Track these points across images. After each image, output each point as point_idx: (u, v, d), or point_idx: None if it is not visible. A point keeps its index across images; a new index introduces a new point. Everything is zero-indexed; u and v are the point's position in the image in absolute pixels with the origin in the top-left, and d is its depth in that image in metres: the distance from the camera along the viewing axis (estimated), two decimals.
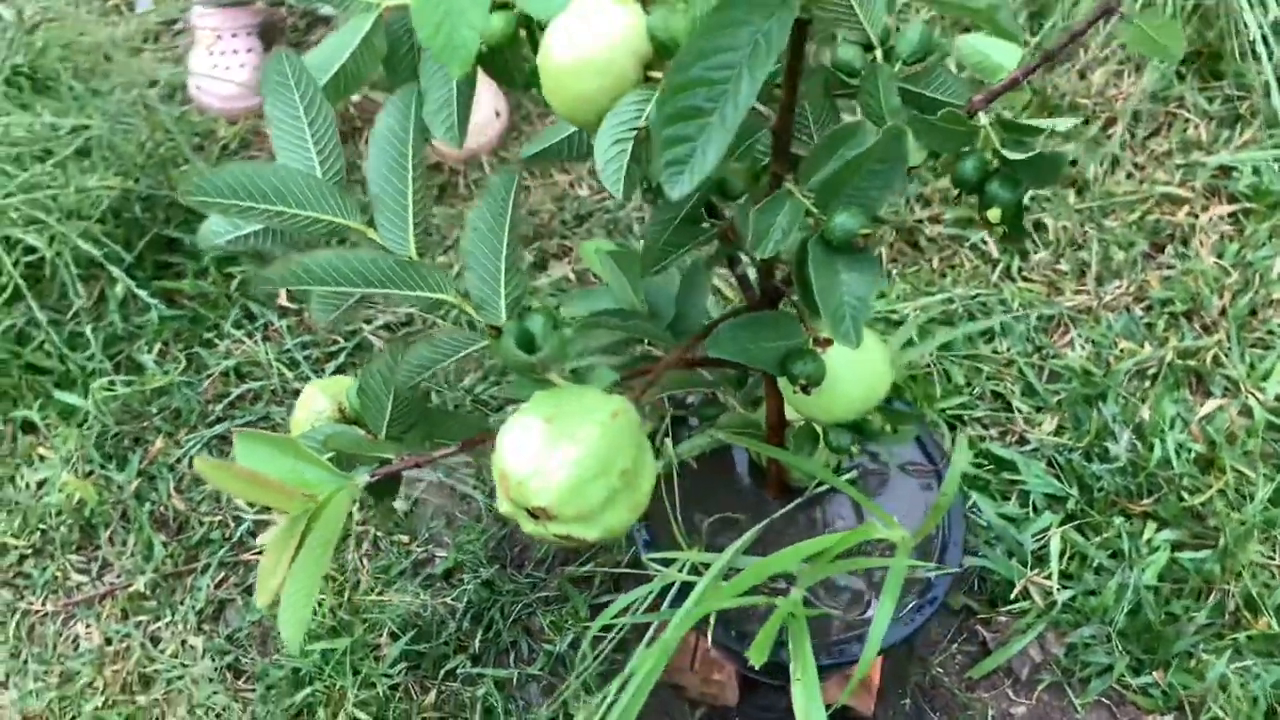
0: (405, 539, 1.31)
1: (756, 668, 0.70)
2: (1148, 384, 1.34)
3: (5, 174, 1.42)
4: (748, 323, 0.73)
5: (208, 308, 1.52)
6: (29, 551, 1.34)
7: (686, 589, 0.93)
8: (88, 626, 1.28)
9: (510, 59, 0.71)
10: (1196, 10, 1.70)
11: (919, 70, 0.73)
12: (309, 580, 0.68)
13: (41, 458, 1.41)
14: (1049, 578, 1.16)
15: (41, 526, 1.35)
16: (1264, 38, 1.55)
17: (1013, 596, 1.17)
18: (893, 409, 0.85)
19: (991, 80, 0.75)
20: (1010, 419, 1.32)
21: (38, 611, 1.30)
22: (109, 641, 1.26)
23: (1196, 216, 1.51)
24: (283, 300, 1.54)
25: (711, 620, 0.93)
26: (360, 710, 1.16)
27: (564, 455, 0.56)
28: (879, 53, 0.72)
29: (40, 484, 1.39)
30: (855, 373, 0.73)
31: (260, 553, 1.31)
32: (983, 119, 0.69)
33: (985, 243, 1.51)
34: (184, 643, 1.26)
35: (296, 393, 1.31)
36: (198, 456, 0.66)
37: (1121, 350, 1.37)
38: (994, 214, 0.67)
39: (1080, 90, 1.67)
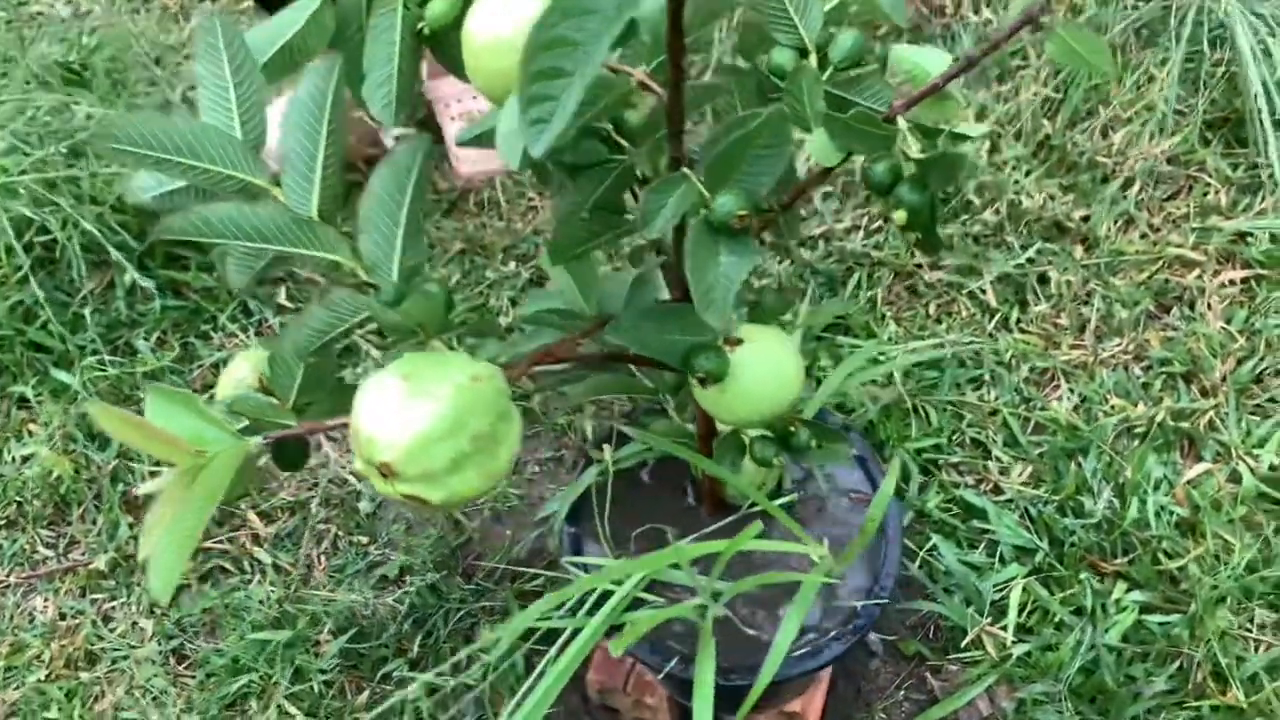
0: (364, 540, 1.31)
1: (615, 656, 0.68)
2: (1135, 443, 1.29)
3: (22, 152, 1.47)
4: (655, 313, 0.72)
5: (209, 301, 1.55)
6: (2, 523, 1.36)
7: (607, 597, 0.91)
8: (45, 600, 1.29)
9: (456, 43, 0.72)
10: (1226, 77, 1.67)
11: (851, 77, 0.72)
12: (184, 533, 0.67)
13: (30, 433, 1.44)
14: (1005, 629, 1.12)
15: (18, 499, 1.38)
16: (1266, 91, 1.52)
17: (964, 645, 1.12)
18: (818, 424, 0.83)
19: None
20: (987, 467, 1.28)
21: (1, 582, 1.31)
22: (63, 616, 1.27)
23: (1207, 280, 1.47)
24: (281, 299, 1.56)
25: (626, 631, 0.90)
26: (291, 704, 1.15)
27: (413, 413, 0.56)
28: (813, 58, 0.72)
29: (26, 458, 1.42)
30: (760, 373, 0.71)
31: (222, 539, 1.32)
32: (901, 123, 0.68)
33: (984, 291, 1.48)
34: (134, 624, 1.26)
35: None
36: (91, 401, 0.67)
37: (1112, 406, 1.32)
38: (900, 216, 0.66)
39: (1101, 148, 1.64)
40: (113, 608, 1.28)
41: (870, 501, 1.00)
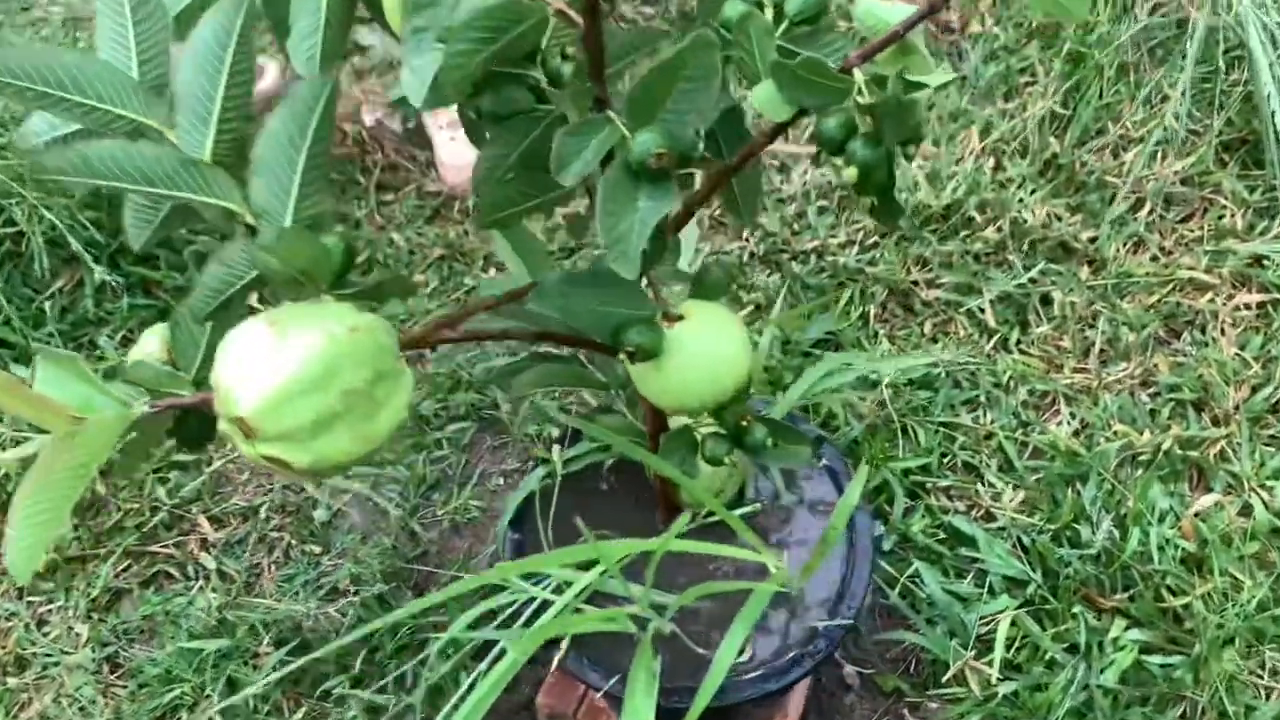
0: (317, 550, 1.24)
1: (516, 658, 0.60)
2: (1139, 471, 1.20)
3: None
4: (586, 280, 0.65)
5: (179, 300, 1.50)
6: None
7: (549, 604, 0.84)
8: None
9: None
10: (1247, 100, 1.59)
11: (807, 32, 0.66)
12: (50, 506, 0.61)
13: None
14: (991, 664, 1.03)
15: None
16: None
17: (945, 680, 1.03)
18: (775, 421, 0.76)
19: None
20: (978, 492, 1.20)
21: None
22: None
23: (1220, 304, 1.38)
24: (251, 300, 1.51)
25: (563, 646, 0.83)
26: (224, 719, 1.08)
27: (274, 362, 0.49)
28: (769, 12, 0.66)
29: None
30: (699, 352, 0.64)
31: (169, 544, 1.25)
32: (857, 75, 0.62)
33: (983, 310, 1.40)
34: (70, 629, 1.19)
35: None
36: None
37: (1115, 432, 1.24)
38: (850, 173, 0.59)
39: (1111, 168, 1.57)
40: (49, 611, 1.21)
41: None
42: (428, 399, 1.36)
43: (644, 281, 0.69)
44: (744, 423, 0.75)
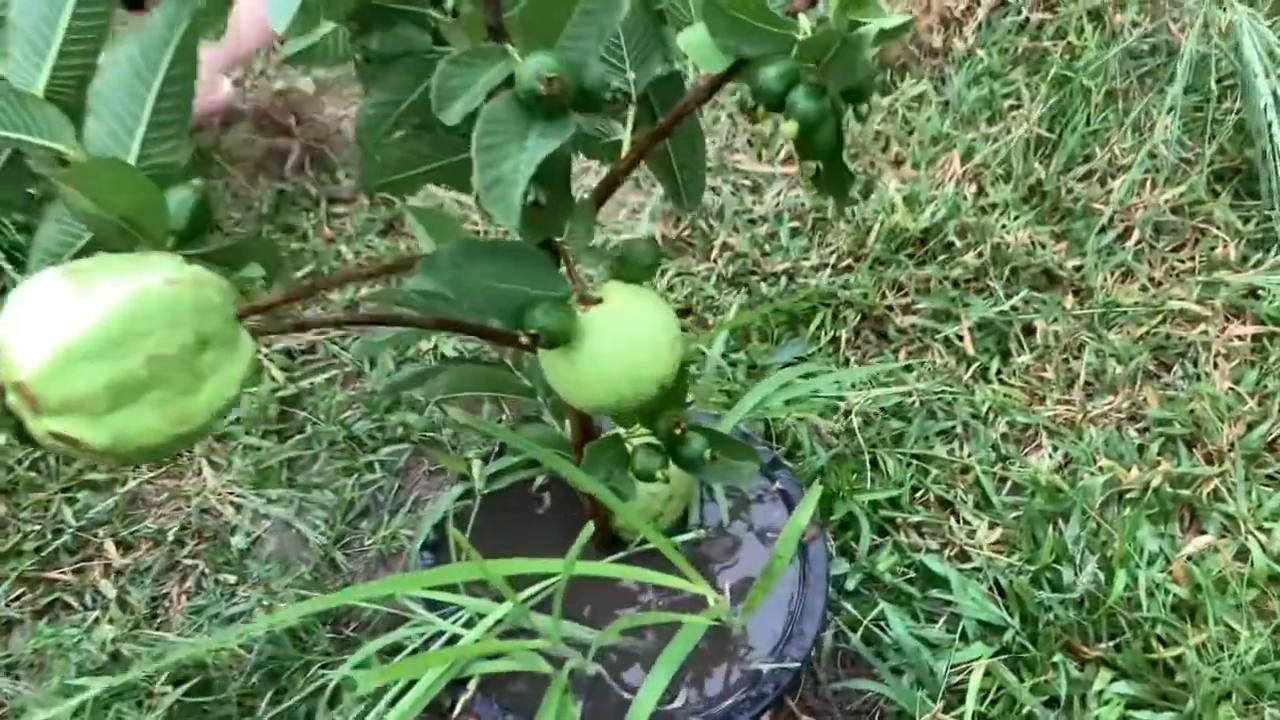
0: (232, 580, 1.13)
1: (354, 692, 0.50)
2: (1126, 510, 1.11)
3: None
4: (488, 250, 0.56)
5: None
6: None
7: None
8: None
9: None
10: (1240, 129, 1.53)
11: None
12: None
13: None
14: (962, 718, 0.92)
15: None
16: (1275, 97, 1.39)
17: None
18: (715, 431, 0.66)
19: None
20: (953, 530, 1.10)
21: None
22: None
23: (1213, 336, 1.30)
24: None
25: (470, 687, 0.73)
26: None
27: (65, 317, 0.40)
28: None
29: None
30: (618, 339, 0.55)
31: (68, 570, 1.14)
32: (803, 21, 0.53)
33: (961, 338, 1.32)
34: None
35: None
36: None
37: (1100, 468, 1.15)
38: (790, 128, 0.50)
39: (1098, 196, 1.50)
40: None
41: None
42: (362, 419, 1.26)
43: (561, 265, 0.61)
44: (679, 431, 0.66)
